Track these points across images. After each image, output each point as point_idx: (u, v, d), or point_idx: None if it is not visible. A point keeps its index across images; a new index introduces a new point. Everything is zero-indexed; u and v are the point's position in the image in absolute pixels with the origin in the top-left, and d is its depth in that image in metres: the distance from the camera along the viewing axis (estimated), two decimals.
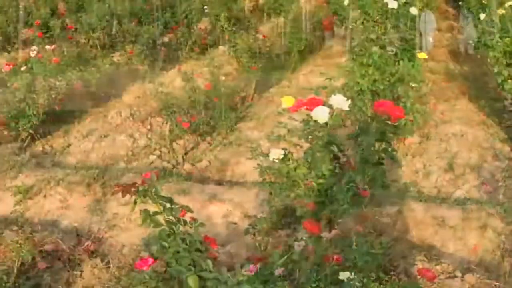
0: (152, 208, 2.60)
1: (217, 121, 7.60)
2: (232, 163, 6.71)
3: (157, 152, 7.18)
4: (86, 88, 8.84)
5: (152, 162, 6.91)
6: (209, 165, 6.82)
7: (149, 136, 7.58)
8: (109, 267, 4.48)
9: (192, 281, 2.06)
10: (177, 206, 2.61)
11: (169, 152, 7.13)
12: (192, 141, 7.36)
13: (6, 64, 7.70)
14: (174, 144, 7.25)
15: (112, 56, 10.42)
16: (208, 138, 7.51)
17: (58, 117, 7.95)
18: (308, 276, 3.11)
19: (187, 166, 6.85)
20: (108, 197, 5.66)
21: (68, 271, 4.62)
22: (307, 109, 3.01)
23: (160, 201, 2.59)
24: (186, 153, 7.16)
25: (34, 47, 8.66)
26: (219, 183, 6.28)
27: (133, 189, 2.58)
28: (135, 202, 2.58)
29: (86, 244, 5.02)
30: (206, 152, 7.14)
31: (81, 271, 4.58)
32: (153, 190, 2.58)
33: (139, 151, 7.25)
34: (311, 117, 2.98)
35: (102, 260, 4.62)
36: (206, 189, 5.69)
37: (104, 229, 5.35)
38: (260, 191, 5.39)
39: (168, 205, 2.60)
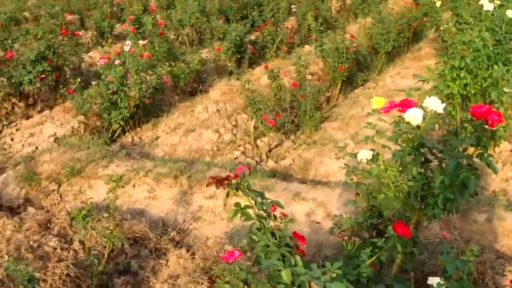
0: (241, 201, 2.65)
1: (302, 120, 7.65)
2: (315, 162, 6.72)
3: (242, 148, 7.30)
4: (175, 83, 9.10)
5: (236, 158, 7.04)
6: (293, 163, 6.87)
7: (234, 132, 7.72)
8: (194, 258, 4.58)
9: (286, 275, 2.09)
10: (268, 201, 2.65)
11: (253, 148, 7.24)
12: (276, 139, 7.44)
13: (101, 58, 8.00)
14: (258, 141, 7.36)
15: (201, 52, 10.65)
16: (292, 137, 7.57)
17: (148, 110, 8.23)
18: (395, 278, 3.09)
19: (270, 163, 6.92)
20: (194, 189, 5.79)
21: (154, 259, 4.76)
22: (399, 110, 2.98)
23: (252, 195, 2.64)
24: (270, 150, 7.24)
25: (128, 42, 8.97)
26: (303, 181, 6.30)
27: (226, 182, 2.64)
28: (227, 195, 2.64)
29: (172, 234, 5.17)
30: (289, 150, 7.20)
31: (167, 260, 4.71)
32: (245, 184, 2.64)
33: (224, 146, 7.39)
34: (403, 119, 2.94)
35: (187, 251, 4.73)
36: (290, 186, 5.71)
37: (189, 220, 5.49)
38: (344, 191, 5.37)
39: (259, 199, 2.64)
